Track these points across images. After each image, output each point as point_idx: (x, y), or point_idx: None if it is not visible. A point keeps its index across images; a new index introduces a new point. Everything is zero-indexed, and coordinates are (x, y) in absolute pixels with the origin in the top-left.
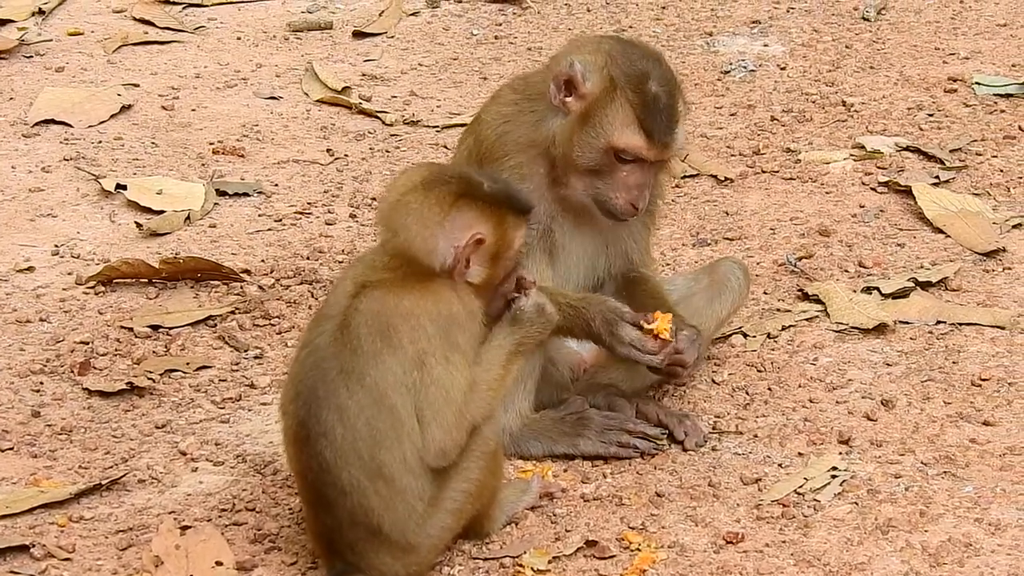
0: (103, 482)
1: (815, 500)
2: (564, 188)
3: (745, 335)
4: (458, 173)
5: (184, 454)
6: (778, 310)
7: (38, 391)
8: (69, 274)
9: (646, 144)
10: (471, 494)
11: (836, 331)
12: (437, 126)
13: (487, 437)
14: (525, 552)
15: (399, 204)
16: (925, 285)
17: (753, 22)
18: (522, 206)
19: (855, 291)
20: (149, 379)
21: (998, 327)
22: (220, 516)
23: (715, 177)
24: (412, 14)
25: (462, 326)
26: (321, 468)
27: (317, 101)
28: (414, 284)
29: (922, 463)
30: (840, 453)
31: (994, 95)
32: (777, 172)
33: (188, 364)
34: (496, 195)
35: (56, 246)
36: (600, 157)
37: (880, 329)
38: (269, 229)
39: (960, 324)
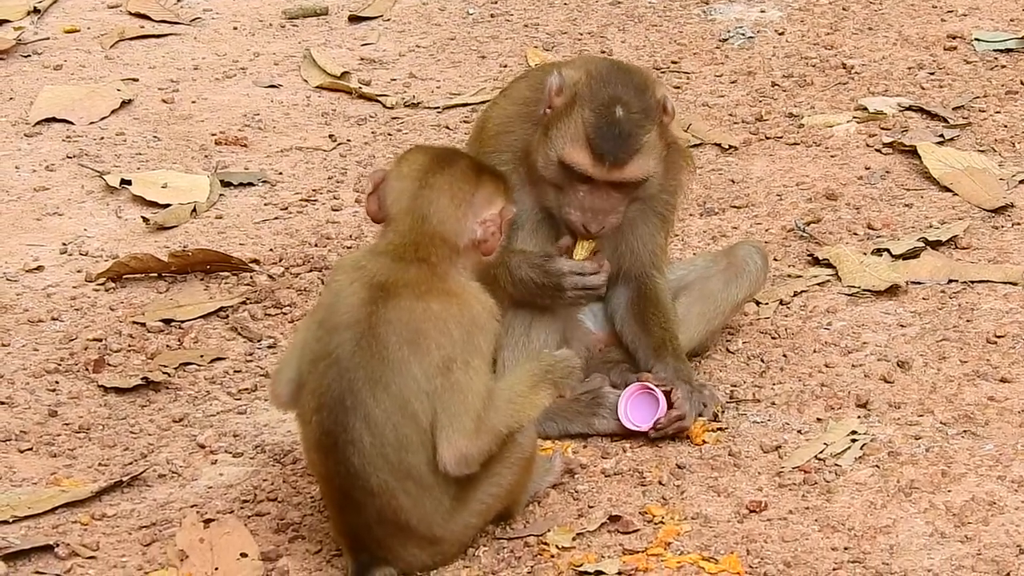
0: (123, 479)
1: (836, 465)
2: (542, 197)
3: (758, 303)
4: (455, 151)
5: (203, 447)
6: (789, 276)
7: (54, 390)
8: (78, 272)
9: (591, 162)
10: (500, 497)
11: (848, 294)
12: (438, 107)
13: (523, 444)
14: (549, 530)
15: (424, 188)
16: (935, 244)
17: None
18: (509, 182)
19: (865, 254)
20: (164, 373)
21: (1010, 283)
22: (242, 507)
23: (719, 145)
24: None
25: (483, 328)
26: (349, 473)
27: (317, 87)
28: (438, 286)
29: (941, 423)
30: (859, 417)
31: (994, 51)
32: (781, 138)
33: (202, 356)
34: (495, 170)
35: (64, 244)
36: (556, 171)
37: (892, 291)
38: (276, 218)
39: (972, 282)
